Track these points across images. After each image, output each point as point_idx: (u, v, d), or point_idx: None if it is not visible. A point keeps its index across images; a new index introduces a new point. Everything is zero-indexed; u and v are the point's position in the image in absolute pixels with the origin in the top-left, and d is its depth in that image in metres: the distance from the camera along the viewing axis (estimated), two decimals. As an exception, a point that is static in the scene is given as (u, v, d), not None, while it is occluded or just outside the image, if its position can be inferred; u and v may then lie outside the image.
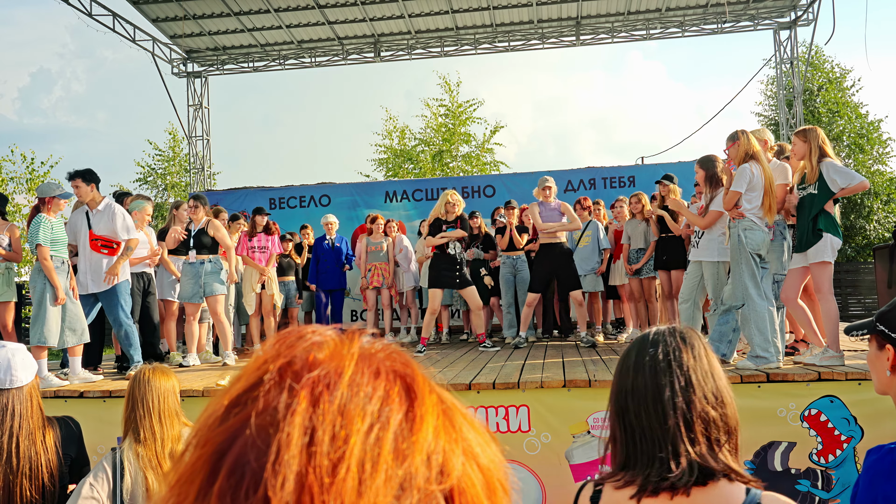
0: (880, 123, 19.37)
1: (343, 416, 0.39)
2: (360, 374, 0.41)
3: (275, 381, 0.40)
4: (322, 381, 0.40)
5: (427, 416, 0.41)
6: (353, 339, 0.45)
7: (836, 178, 4.56)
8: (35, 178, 15.61)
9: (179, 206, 7.18)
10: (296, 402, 0.39)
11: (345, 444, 0.38)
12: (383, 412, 0.40)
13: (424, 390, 0.43)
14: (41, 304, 5.22)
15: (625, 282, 7.50)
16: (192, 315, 6.45)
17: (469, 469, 0.41)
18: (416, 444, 0.39)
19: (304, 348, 0.43)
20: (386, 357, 0.44)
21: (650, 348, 1.36)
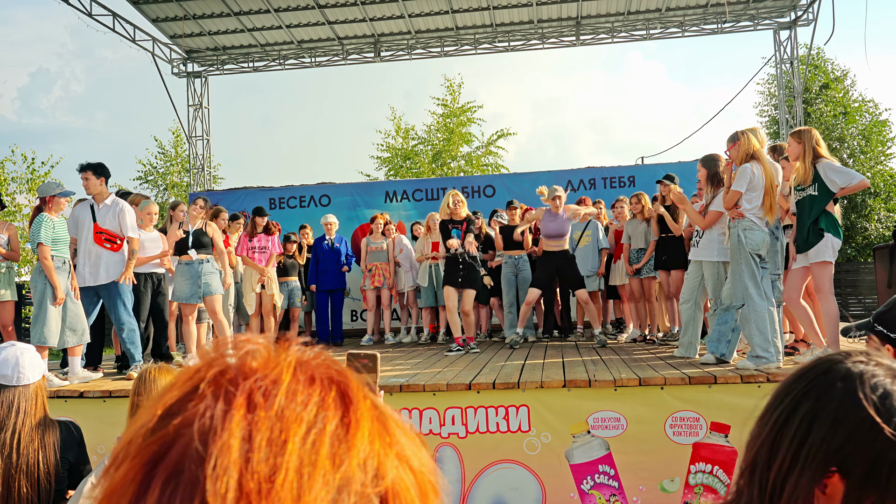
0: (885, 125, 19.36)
1: (281, 421, 0.39)
2: (295, 381, 0.42)
3: (210, 389, 0.40)
4: (258, 388, 0.40)
5: (362, 422, 0.42)
6: (287, 347, 0.45)
7: (834, 178, 4.56)
8: (36, 178, 15.61)
9: (177, 206, 7.18)
10: (233, 408, 0.39)
11: (283, 450, 0.38)
12: (319, 418, 0.40)
13: (359, 396, 0.43)
14: (42, 304, 5.22)
15: (625, 282, 7.51)
16: (189, 315, 6.45)
17: (402, 472, 0.42)
18: (352, 449, 0.40)
19: (239, 357, 0.43)
20: (320, 364, 0.44)
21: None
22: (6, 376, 2.44)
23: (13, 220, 14.08)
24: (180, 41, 12.47)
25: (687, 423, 4.37)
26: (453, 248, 6.81)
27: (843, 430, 0.83)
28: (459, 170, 19.43)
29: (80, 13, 10.81)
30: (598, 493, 4.41)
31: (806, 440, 0.85)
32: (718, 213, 5.22)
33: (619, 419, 4.41)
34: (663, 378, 4.43)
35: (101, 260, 5.61)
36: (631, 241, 7.30)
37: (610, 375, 4.57)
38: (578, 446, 4.43)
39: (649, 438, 4.37)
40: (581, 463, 4.43)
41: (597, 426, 4.43)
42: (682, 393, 4.39)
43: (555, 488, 4.44)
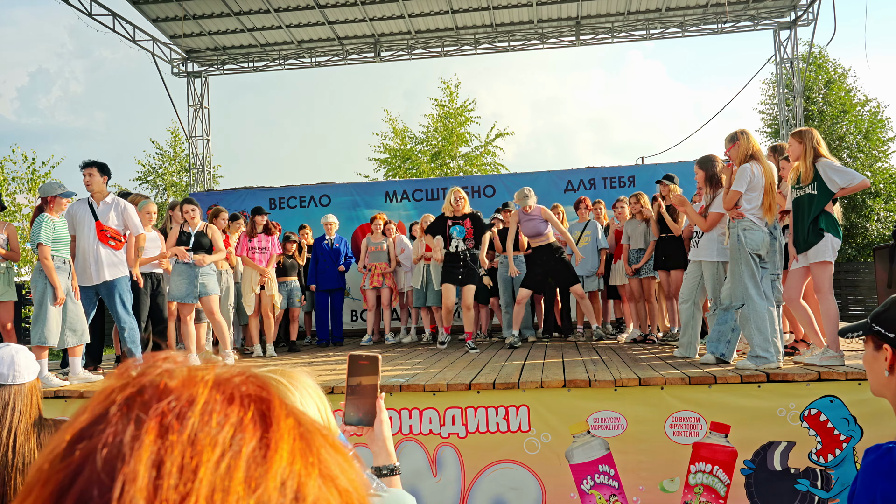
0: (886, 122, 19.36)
1: (193, 446, 0.38)
2: (212, 401, 0.40)
3: (122, 412, 0.39)
4: (172, 410, 0.39)
5: (281, 442, 0.40)
6: (208, 366, 0.44)
7: (835, 177, 4.56)
8: (36, 178, 15.60)
9: (175, 206, 7.18)
10: (143, 433, 0.38)
11: (194, 476, 0.36)
12: (235, 440, 0.39)
13: (280, 415, 0.42)
14: (42, 305, 5.22)
15: (625, 282, 7.51)
16: (187, 316, 6.45)
17: (326, 492, 0.40)
18: (269, 471, 0.38)
19: (155, 376, 0.41)
20: (242, 383, 0.43)
21: None
22: (1, 375, 2.43)
23: (13, 220, 14.07)
24: (180, 41, 12.47)
25: (687, 423, 4.37)
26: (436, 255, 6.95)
27: None
28: (459, 170, 19.43)
29: (80, 13, 10.81)
30: (598, 493, 4.41)
31: None
32: (720, 214, 5.21)
33: (619, 419, 4.41)
34: (663, 378, 4.43)
35: (101, 258, 5.61)
36: (630, 242, 7.30)
37: (610, 375, 4.57)
38: (578, 446, 4.43)
39: (649, 438, 4.37)
40: (581, 463, 4.43)
41: (597, 426, 4.43)
42: (682, 393, 4.39)
43: (555, 488, 4.44)
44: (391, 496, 1.40)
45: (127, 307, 5.69)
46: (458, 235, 6.93)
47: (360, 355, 1.52)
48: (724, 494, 4.32)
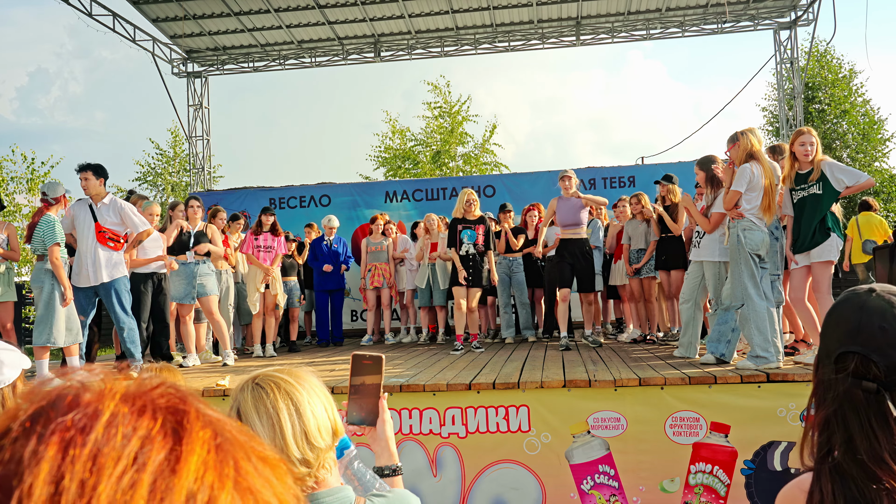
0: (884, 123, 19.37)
1: (94, 460, 0.36)
2: (119, 413, 0.39)
3: (24, 427, 0.37)
4: (76, 424, 0.37)
5: (191, 454, 0.39)
6: (127, 377, 0.42)
7: (841, 177, 4.57)
8: (35, 178, 15.59)
9: (175, 206, 7.18)
10: (43, 449, 0.36)
11: (94, 491, 0.35)
12: (142, 453, 0.37)
13: (195, 426, 0.40)
14: (49, 305, 5.22)
15: (625, 282, 7.51)
16: (186, 316, 6.45)
17: (241, 499, 0.39)
18: (176, 484, 0.37)
19: (65, 390, 0.40)
20: (158, 395, 0.41)
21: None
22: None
23: (13, 220, 14.06)
24: (180, 41, 12.47)
25: (687, 423, 4.37)
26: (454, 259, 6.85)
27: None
28: (458, 170, 19.43)
29: (80, 13, 10.81)
30: (598, 493, 4.41)
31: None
32: (722, 214, 5.22)
33: (619, 419, 4.41)
34: (663, 378, 4.43)
35: (100, 259, 5.61)
36: (631, 242, 7.30)
37: (610, 375, 4.57)
38: (578, 446, 4.43)
39: (649, 438, 4.37)
40: (581, 463, 4.43)
41: (597, 426, 4.43)
42: (682, 393, 4.39)
43: (555, 488, 4.44)
44: (395, 496, 1.40)
45: (125, 308, 5.69)
46: (468, 240, 6.91)
47: (363, 355, 1.52)
48: (724, 494, 4.32)
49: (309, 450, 1.23)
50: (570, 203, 6.74)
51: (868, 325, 1.10)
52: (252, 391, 1.26)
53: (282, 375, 1.28)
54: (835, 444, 1.10)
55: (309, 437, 1.23)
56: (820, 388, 1.15)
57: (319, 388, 1.31)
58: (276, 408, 1.23)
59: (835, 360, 1.12)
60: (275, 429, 1.21)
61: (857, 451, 1.06)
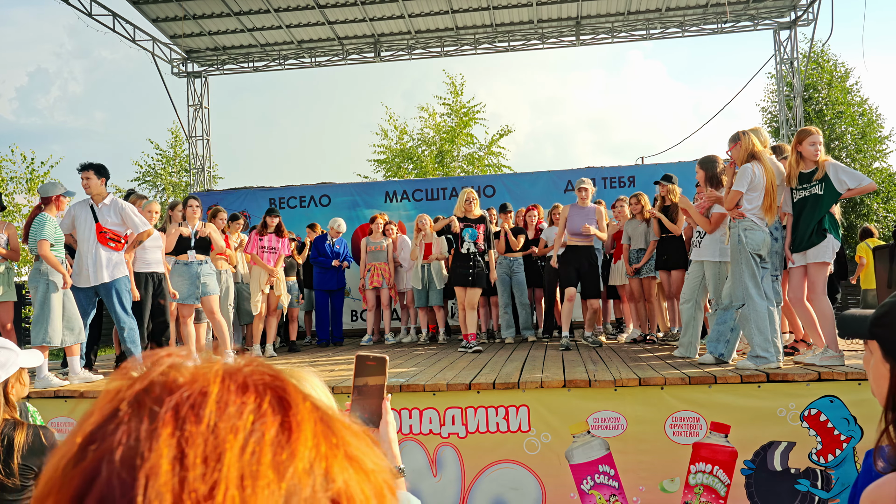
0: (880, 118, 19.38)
1: (214, 434, 0.36)
2: (226, 390, 0.39)
3: (133, 408, 0.38)
4: (186, 402, 0.38)
5: (303, 424, 0.39)
6: (213, 358, 0.43)
7: (844, 179, 4.56)
8: (35, 178, 15.59)
9: (175, 206, 7.18)
10: (160, 427, 0.36)
11: (219, 464, 0.35)
12: (256, 426, 0.38)
13: (297, 399, 0.41)
14: (44, 305, 5.22)
15: (625, 282, 7.51)
16: (188, 316, 6.44)
17: (354, 474, 0.40)
18: (295, 455, 0.38)
19: (162, 372, 0.40)
20: (252, 371, 0.42)
21: None
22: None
23: (12, 220, 14.06)
24: (180, 41, 12.47)
25: (687, 423, 4.37)
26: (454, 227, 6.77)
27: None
28: (460, 169, 19.42)
29: (80, 13, 10.81)
30: (598, 493, 4.41)
31: None
32: (722, 214, 5.23)
33: (619, 419, 4.41)
34: (663, 378, 4.43)
35: (101, 259, 5.60)
36: (631, 242, 7.30)
37: (610, 375, 4.57)
38: (578, 446, 4.43)
39: (649, 438, 4.37)
40: (581, 463, 4.43)
41: (597, 426, 4.43)
42: (682, 393, 4.39)
43: (555, 488, 4.44)
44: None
45: (126, 308, 5.68)
46: (470, 238, 6.88)
47: (367, 356, 1.52)
48: (724, 494, 4.32)
49: None
50: (584, 212, 6.74)
51: None
52: None
53: None
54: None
55: None
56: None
57: (321, 389, 1.30)
58: None
59: None
60: None
61: None
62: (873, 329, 1.25)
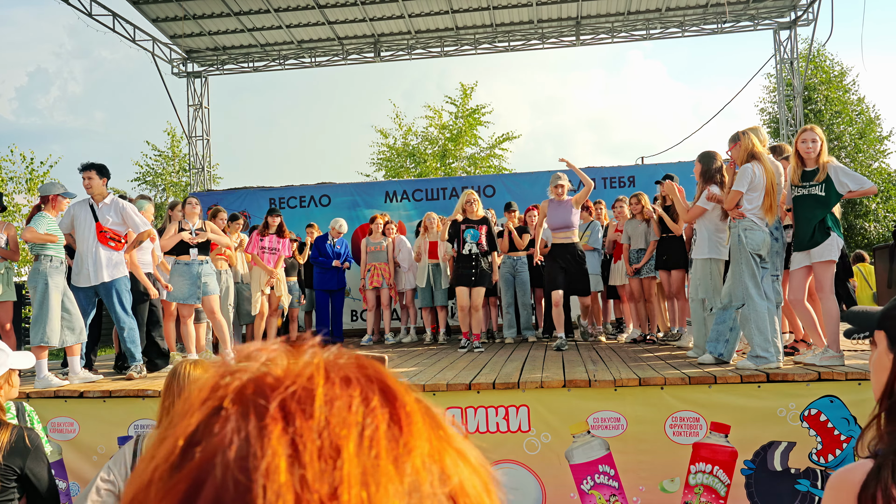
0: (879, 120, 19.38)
1: (327, 430, 0.34)
2: (331, 384, 0.37)
3: (237, 406, 0.35)
4: (292, 397, 0.36)
5: (413, 416, 0.38)
6: (308, 349, 0.41)
7: (846, 181, 4.56)
8: (35, 178, 15.59)
9: (175, 206, 7.17)
10: (269, 423, 0.34)
11: (338, 461, 0.34)
12: (368, 420, 0.36)
13: (401, 390, 0.39)
14: (42, 305, 5.22)
15: (625, 282, 7.51)
16: (188, 316, 6.44)
17: (465, 468, 0.38)
18: (411, 448, 0.36)
19: (259, 368, 0.38)
20: (350, 363, 0.40)
21: None
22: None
23: (12, 220, 14.06)
24: (180, 41, 12.47)
25: (687, 423, 4.36)
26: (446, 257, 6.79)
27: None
28: (462, 170, 19.44)
29: (80, 13, 10.81)
30: (598, 494, 4.41)
31: None
32: (702, 208, 5.34)
33: (619, 419, 4.41)
34: (663, 378, 4.42)
35: (101, 259, 5.60)
36: (631, 242, 7.30)
37: (610, 375, 4.57)
38: (578, 446, 4.43)
39: (649, 438, 4.37)
40: (581, 463, 4.43)
41: (597, 426, 4.43)
42: (682, 393, 4.39)
43: (555, 488, 4.44)
44: None
45: (126, 307, 5.68)
46: (471, 239, 6.89)
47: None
48: (724, 495, 4.32)
49: None
50: (562, 206, 6.71)
51: None
52: None
53: None
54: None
55: None
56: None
57: None
58: None
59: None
60: None
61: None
62: (883, 321, 1.26)
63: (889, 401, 1.19)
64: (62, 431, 4.84)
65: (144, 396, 4.82)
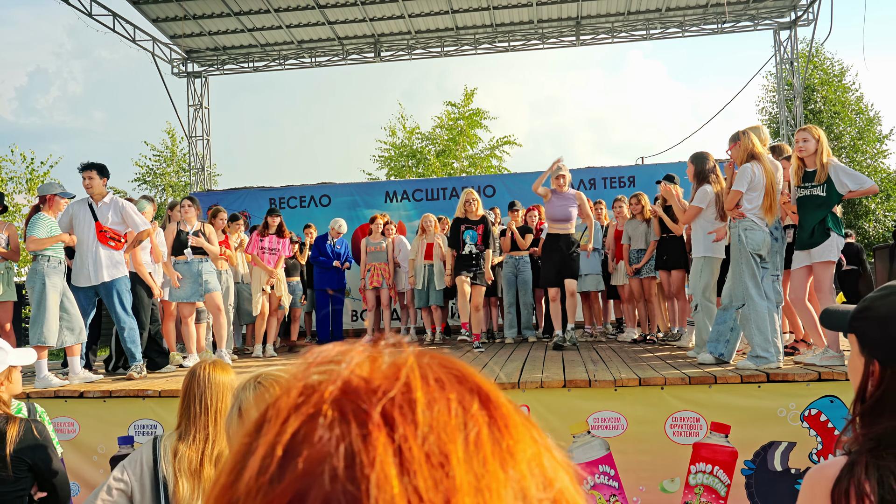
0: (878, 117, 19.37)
1: (432, 436, 0.33)
2: (427, 387, 0.35)
3: (336, 412, 0.34)
4: (392, 403, 0.34)
5: (510, 418, 0.36)
6: (395, 350, 0.39)
7: (846, 181, 4.56)
8: (35, 178, 15.60)
9: (174, 206, 7.18)
10: (373, 430, 0.32)
11: (447, 469, 0.32)
12: (469, 424, 0.34)
13: (493, 390, 0.37)
14: (40, 305, 5.22)
15: (625, 282, 7.51)
16: (188, 316, 6.44)
17: (560, 469, 0.36)
18: (514, 452, 0.34)
19: (351, 371, 0.36)
20: (435, 363, 0.38)
21: None
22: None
23: (12, 220, 14.06)
24: (180, 41, 12.47)
25: (687, 423, 4.36)
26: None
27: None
28: (462, 170, 19.44)
29: (80, 13, 10.81)
30: (598, 494, 4.41)
31: None
32: (697, 208, 5.39)
33: (619, 419, 4.41)
34: (663, 378, 4.42)
35: (101, 259, 5.60)
36: (631, 242, 7.30)
37: (610, 375, 4.57)
38: (578, 446, 4.43)
39: (649, 438, 4.36)
40: (581, 463, 4.43)
41: (597, 426, 4.43)
42: (683, 393, 4.39)
43: (555, 488, 4.43)
44: None
45: (126, 307, 5.68)
46: (470, 240, 6.88)
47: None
48: (724, 495, 4.31)
49: None
50: (563, 198, 6.70)
51: None
52: (254, 389, 1.25)
53: (283, 374, 1.28)
54: (886, 443, 1.11)
55: None
56: (894, 392, 1.15)
57: None
58: None
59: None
60: None
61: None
62: (853, 323, 1.25)
63: (862, 404, 1.19)
64: (62, 431, 4.84)
65: (144, 396, 4.82)
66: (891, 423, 1.14)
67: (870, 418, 1.17)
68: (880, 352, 1.18)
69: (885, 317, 1.19)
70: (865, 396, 1.19)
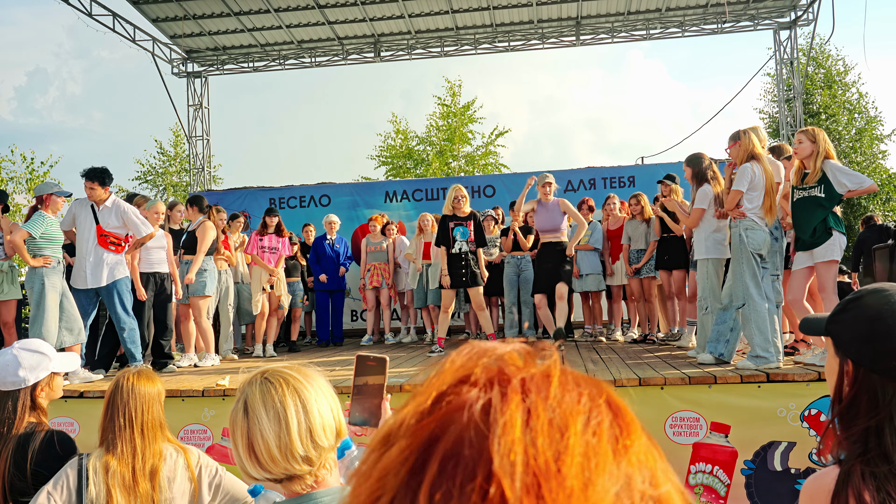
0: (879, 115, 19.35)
1: (560, 408, 0.39)
2: (564, 379, 0.42)
3: (484, 376, 0.41)
4: (531, 379, 0.41)
5: (633, 426, 0.41)
6: (542, 353, 0.45)
7: (844, 180, 4.55)
8: (35, 178, 15.62)
9: (174, 206, 7.17)
10: (510, 392, 0.39)
11: (565, 436, 0.38)
12: (594, 413, 0.40)
13: (624, 405, 0.43)
14: (39, 305, 5.22)
15: (622, 282, 7.51)
16: (186, 316, 6.45)
17: (672, 486, 0.41)
18: (629, 448, 0.40)
19: (498, 358, 0.43)
20: (581, 374, 0.44)
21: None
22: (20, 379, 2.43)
23: (12, 219, 14.07)
24: (180, 41, 12.47)
25: (687, 423, 4.37)
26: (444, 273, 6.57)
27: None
28: (460, 170, 19.45)
29: (80, 13, 10.81)
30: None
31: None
32: (701, 210, 5.38)
33: (619, 419, 4.41)
34: (663, 378, 4.43)
35: (102, 261, 5.61)
36: (631, 242, 7.30)
37: (610, 375, 4.57)
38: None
39: (649, 438, 4.36)
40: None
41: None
42: (682, 393, 4.39)
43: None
44: None
45: (126, 308, 5.68)
46: (461, 238, 6.68)
47: (367, 356, 1.51)
48: (724, 495, 4.32)
49: (312, 448, 1.23)
50: (547, 209, 6.74)
51: None
52: (260, 385, 1.25)
53: (290, 372, 1.29)
54: (872, 447, 1.12)
55: (314, 436, 1.23)
56: (867, 392, 1.16)
57: (326, 388, 1.31)
58: (284, 403, 1.22)
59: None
60: (280, 424, 1.21)
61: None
62: (828, 325, 1.26)
63: (839, 406, 1.21)
64: (62, 432, 4.84)
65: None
66: (867, 423, 1.16)
67: (847, 419, 1.19)
68: (854, 352, 1.21)
69: (859, 318, 1.22)
70: (842, 397, 1.21)
